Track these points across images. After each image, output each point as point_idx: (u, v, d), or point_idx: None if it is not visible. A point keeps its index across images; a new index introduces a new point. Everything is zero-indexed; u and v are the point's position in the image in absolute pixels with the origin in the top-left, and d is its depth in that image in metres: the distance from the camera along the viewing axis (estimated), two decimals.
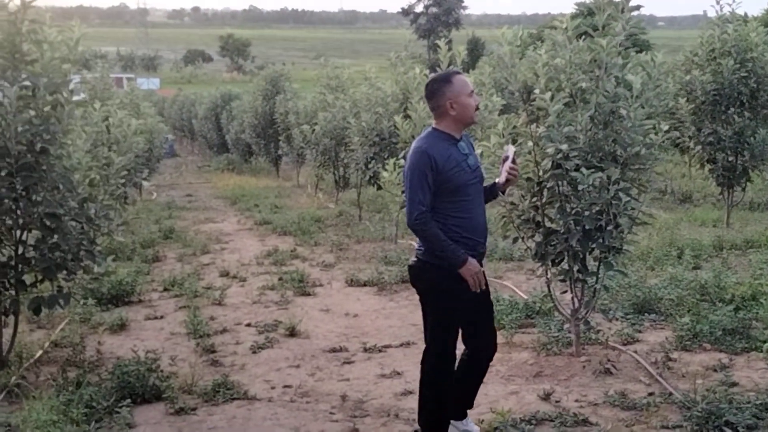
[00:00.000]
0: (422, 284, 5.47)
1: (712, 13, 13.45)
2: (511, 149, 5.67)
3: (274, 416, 6.38)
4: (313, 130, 18.40)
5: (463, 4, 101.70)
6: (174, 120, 43.16)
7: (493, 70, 14.36)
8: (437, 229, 5.25)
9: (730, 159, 13.34)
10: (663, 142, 7.21)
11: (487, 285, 5.50)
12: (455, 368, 5.57)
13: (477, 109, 5.42)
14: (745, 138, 13.10)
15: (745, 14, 14.06)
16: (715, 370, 6.87)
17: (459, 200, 5.29)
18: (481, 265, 5.39)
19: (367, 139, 14.57)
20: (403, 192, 11.33)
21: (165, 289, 10.71)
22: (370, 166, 14.75)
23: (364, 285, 10.73)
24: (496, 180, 5.71)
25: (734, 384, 6.51)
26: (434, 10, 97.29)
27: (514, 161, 5.62)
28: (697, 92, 13.27)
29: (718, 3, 13.29)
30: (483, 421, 5.82)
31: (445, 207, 5.27)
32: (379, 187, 14.18)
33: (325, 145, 17.91)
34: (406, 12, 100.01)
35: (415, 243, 5.68)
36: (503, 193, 5.92)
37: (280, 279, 11.10)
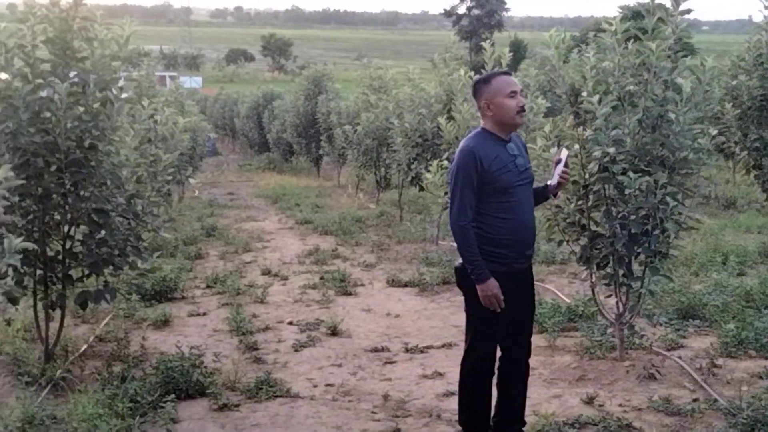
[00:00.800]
0: (465, 287, 5.47)
1: (758, 18, 13.33)
2: (564, 152, 5.65)
3: (316, 414, 6.42)
4: (355, 130, 18.44)
5: (506, 6, 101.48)
6: (216, 119, 43.39)
7: (538, 73, 14.30)
8: (473, 237, 5.27)
9: None
10: (710, 147, 7.17)
11: (531, 291, 5.60)
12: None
13: (521, 110, 5.34)
14: None
15: None
16: (761, 377, 6.82)
17: (505, 201, 5.29)
18: (529, 268, 5.46)
19: (409, 139, 14.58)
20: (446, 193, 11.41)
21: (208, 286, 10.79)
22: (412, 167, 14.75)
23: (406, 285, 10.74)
24: (548, 182, 5.70)
25: None
26: (477, 11, 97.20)
27: (566, 164, 5.61)
28: (743, 97, 13.13)
29: (766, 8, 13.17)
30: (526, 424, 5.79)
31: (491, 207, 5.29)
32: (422, 188, 14.21)
33: (367, 146, 17.93)
34: (448, 13, 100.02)
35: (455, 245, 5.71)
36: (555, 196, 5.91)
37: (321, 278, 11.14)
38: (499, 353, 5.59)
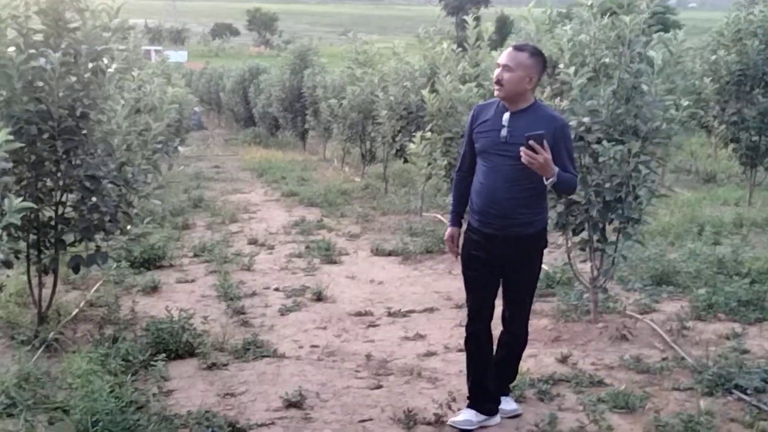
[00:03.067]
0: None
1: None
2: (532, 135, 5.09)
3: (301, 373, 6.58)
4: (341, 104, 18.46)
5: None
6: (201, 93, 43.16)
7: None
8: (458, 187, 5.64)
9: (754, 139, 13.39)
10: (687, 121, 7.39)
11: (511, 264, 5.43)
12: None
13: (496, 82, 5.28)
14: None
15: None
16: (728, 338, 7.06)
17: (483, 164, 5.38)
18: (509, 237, 5.31)
19: (394, 112, 14.69)
20: (429, 164, 11.61)
21: (195, 255, 10.91)
22: (397, 139, 14.88)
23: (389, 254, 10.89)
24: None
25: (746, 351, 6.72)
26: None
27: (533, 148, 5.00)
28: (722, 72, 13.35)
29: None
30: (508, 394, 5.81)
31: (478, 167, 5.44)
32: (406, 160, 14.35)
33: (352, 119, 17.96)
34: None
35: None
36: (547, 180, 5.14)
37: (307, 247, 11.28)
38: None
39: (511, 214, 5.31)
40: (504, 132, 5.26)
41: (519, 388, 5.99)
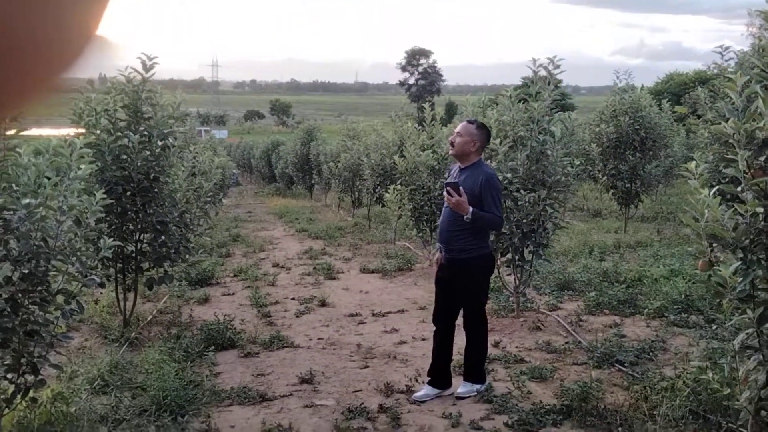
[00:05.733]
0: None
1: (619, 83, 13.78)
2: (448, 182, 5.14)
3: (311, 358, 6.59)
4: (337, 166, 18.57)
5: (443, 78, 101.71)
6: (238, 159, 43.16)
7: None
8: None
9: (627, 186, 13.56)
10: (579, 173, 7.48)
11: (456, 281, 5.30)
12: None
13: (451, 145, 5.31)
14: (637, 171, 13.36)
15: (642, 85, 14.30)
16: (611, 327, 7.12)
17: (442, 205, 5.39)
18: (451, 259, 5.25)
19: (375, 171, 14.79)
20: (399, 208, 11.63)
21: (234, 275, 10.86)
22: (377, 190, 14.99)
23: (373, 272, 10.88)
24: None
25: (623, 336, 6.77)
26: (422, 82, 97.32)
27: (449, 192, 5.03)
28: (603, 139, 13.51)
29: (618, 78, 13.69)
30: (453, 360, 5.79)
31: None
32: (383, 205, 14.43)
33: (345, 177, 18.00)
34: (402, 84, 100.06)
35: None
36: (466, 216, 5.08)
37: (314, 268, 11.25)
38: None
39: (450, 242, 5.25)
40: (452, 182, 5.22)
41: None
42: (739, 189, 3.64)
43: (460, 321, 5.51)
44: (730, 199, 4.52)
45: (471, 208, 5.03)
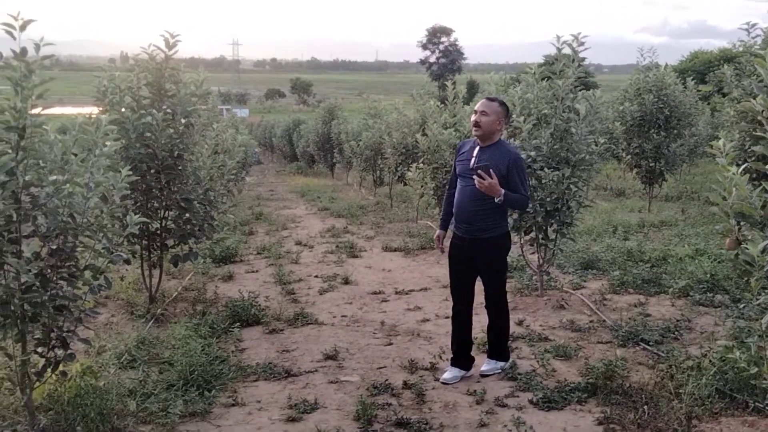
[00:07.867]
0: None
1: (643, 61, 13.60)
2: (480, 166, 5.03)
3: (335, 335, 6.60)
4: (359, 144, 18.57)
5: (464, 56, 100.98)
6: (260, 138, 43.37)
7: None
8: (446, 201, 5.51)
9: (651, 165, 13.42)
10: (603, 152, 7.40)
11: (478, 259, 5.24)
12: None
13: (474, 125, 5.18)
14: (662, 150, 13.20)
15: (666, 64, 14.05)
16: (635, 306, 7.07)
17: (459, 184, 5.30)
18: (473, 239, 5.18)
19: (396, 150, 14.77)
20: (421, 186, 11.61)
21: (258, 253, 10.93)
22: (398, 169, 14.96)
23: (395, 250, 10.89)
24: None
25: (648, 315, 6.72)
26: (443, 60, 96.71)
27: (481, 176, 4.94)
28: (627, 118, 13.35)
29: (642, 56, 13.50)
30: (477, 338, 5.84)
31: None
32: (405, 184, 14.40)
33: (366, 155, 18.03)
34: (423, 62, 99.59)
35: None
36: (497, 198, 5.01)
37: (337, 246, 11.28)
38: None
39: (473, 222, 5.19)
40: (472, 161, 5.16)
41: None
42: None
43: (480, 299, 5.45)
44: (757, 177, 4.44)
45: (502, 190, 4.98)
